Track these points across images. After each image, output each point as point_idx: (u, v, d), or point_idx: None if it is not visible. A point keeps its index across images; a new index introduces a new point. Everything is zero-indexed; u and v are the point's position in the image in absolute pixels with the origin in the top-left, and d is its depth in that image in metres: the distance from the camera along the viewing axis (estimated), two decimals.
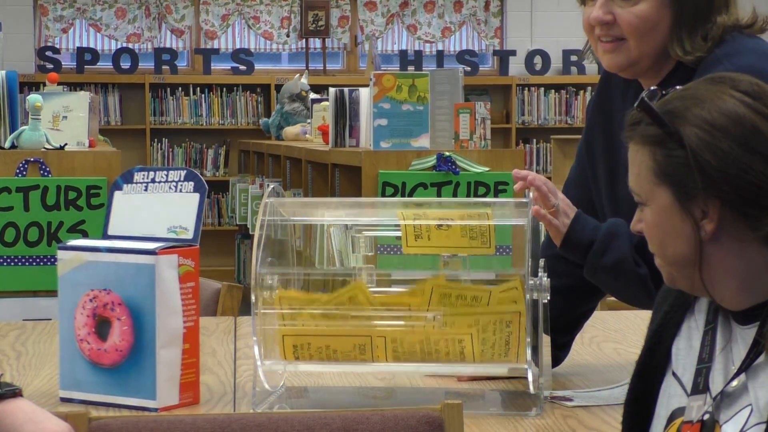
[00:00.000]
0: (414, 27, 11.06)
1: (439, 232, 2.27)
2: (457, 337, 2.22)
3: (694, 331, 1.80)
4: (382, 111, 5.32)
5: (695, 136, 1.68)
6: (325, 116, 7.03)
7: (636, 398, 1.85)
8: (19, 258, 4.43)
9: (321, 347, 2.24)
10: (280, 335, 2.25)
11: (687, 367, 1.78)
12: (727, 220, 1.69)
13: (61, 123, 4.93)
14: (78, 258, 2.29)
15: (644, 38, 2.35)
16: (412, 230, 2.27)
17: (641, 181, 1.76)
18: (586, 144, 2.57)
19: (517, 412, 2.22)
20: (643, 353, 1.85)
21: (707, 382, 1.73)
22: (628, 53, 2.37)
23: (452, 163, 5.23)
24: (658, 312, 1.86)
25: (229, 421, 1.89)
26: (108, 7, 10.73)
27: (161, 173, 2.35)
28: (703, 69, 2.29)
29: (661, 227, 1.74)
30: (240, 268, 9.29)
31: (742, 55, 2.30)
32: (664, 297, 1.86)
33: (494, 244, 2.26)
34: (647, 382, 1.83)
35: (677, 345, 1.81)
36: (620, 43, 2.37)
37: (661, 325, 1.83)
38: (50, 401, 2.31)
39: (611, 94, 2.53)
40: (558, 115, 11.04)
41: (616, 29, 2.36)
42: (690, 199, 1.70)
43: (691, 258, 1.72)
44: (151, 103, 10.63)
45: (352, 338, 2.23)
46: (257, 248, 2.23)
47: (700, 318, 1.80)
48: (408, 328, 2.23)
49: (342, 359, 2.25)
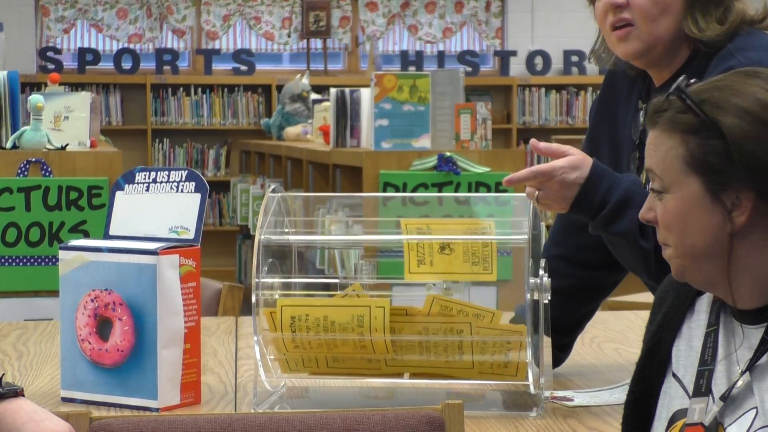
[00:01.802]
0: (415, 27, 11.06)
1: (442, 256, 2.27)
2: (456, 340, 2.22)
3: (694, 332, 1.79)
4: (383, 111, 5.32)
5: (736, 127, 1.65)
6: (326, 117, 7.03)
7: (636, 399, 1.84)
8: (21, 258, 4.42)
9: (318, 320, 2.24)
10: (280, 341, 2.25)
11: (688, 368, 1.77)
12: (759, 213, 1.67)
13: (62, 123, 4.92)
14: (79, 258, 2.29)
15: (656, 20, 2.35)
16: (415, 255, 2.27)
17: (666, 168, 1.72)
18: (589, 145, 2.57)
19: (517, 412, 2.22)
20: (643, 354, 1.84)
21: (710, 384, 1.72)
22: (642, 38, 2.35)
23: (453, 164, 5.24)
24: (657, 313, 1.85)
25: (230, 421, 1.89)
26: (109, 8, 10.73)
27: (162, 173, 2.35)
28: (716, 63, 2.29)
29: (684, 217, 1.71)
30: (241, 269, 9.29)
31: (755, 50, 2.31)
32: (662, 298, 1.85)
33: (496, 270, 2.26)
34: (647, 384, 1.83)
35: (677, 346, 1.80)
36: (633, 29, 2.36)
37: (661, 326, 1.83)
38: (51, 401, 2.31)
39: (615, 96, 2.52)
40: (559, 115, 11.04)
41: (628, 12, 2.36)
42: (722, 189, 1.67)
43: (711, 250, 1.69)
44: (153, 103, 10.63)
45: (350, 308, 2.22)
46: (258, 249, 2.24)
47: (701, 318, 1.79)
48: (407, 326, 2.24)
49: (339, 332, 2.24)
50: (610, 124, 2.52)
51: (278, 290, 2.30)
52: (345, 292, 2.25)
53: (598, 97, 2.59)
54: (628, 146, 2.45)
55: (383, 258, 2.49)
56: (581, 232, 2.59)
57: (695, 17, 2.35)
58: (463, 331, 2.21)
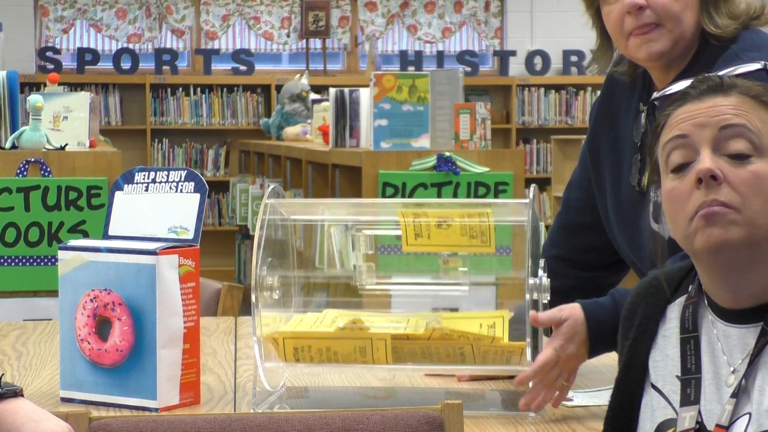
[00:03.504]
0: (414, 27, 11.06)
1: (439, 230, 2.27)
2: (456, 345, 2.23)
3: (669, 340, 1.78)
4: (382, 111, 5.32)
5: None
6: (325, 116, 7.03)
7: (615, 415, 1.83)
8: (20, 258, 4.43)
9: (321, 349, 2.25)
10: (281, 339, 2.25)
11: (667, 377, 1.76)
12: None
13: (61, 123, 4.93)
14: (79, 258, 2.29)
15: (679, 18, 2.33)
16: (413, 229, 2.27)
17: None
18: (590, 148, 2.56)
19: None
20: (621, 369, 1.83)
21: (698, 393, 1.71)
22: (668, 37, 2.33)
23: (452, 164, 5.24)
24: (629, 327, 1.83)
25: (230, 421, 1.89)
26: (108, 8, 10.72)
27: (162, 173, 2.35)
28: (722, 64, 2.27)
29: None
30: (240, 269, 9.29)
31: (759, 50, 2.30)
32: (632, 310, 1.84)
33: (494, 242, 2.26)
34: (626, 398, 1.82)
35: (653, 357, 1.80)
36: (657, 29, 2.33)
37: (635, 339, 1.82)
38: (51, 401, 2.31)
39: (616, 98, 2.51)
40: (558, 115, 11.04)
41: (650, 15, 2.33)
42: None
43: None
44: (152, 103, 10.63)
45: (352, 341, 2.24)
46: (257, 248, 2.24)
47: (673, 326, 1.78)
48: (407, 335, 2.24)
49: (342, 361, 2.26)
50: (610, 126, 2.51)
51: (278, 290, 2.31)
52: (345, 326, 2.25)
53: (598, 98, 2.58)
54: (629, 148, 2.45)
55: (383, 254, 2.49)
56: (580, 233, 2.59)
57: (710, 12, 2.33)
58: (465, 351, 2.22)
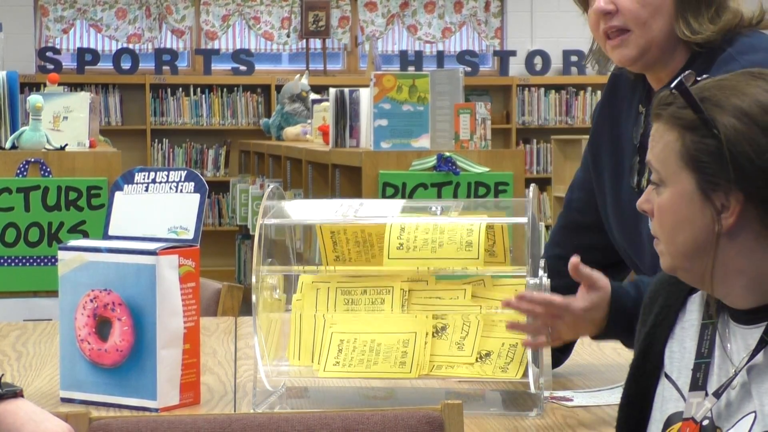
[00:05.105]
0: (414, 27, 11.06)
1: (425, 246, 2.28)
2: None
3: (687, 332, 1.78)
4: (382, 111, 5.32)
5: (732, 127, 1.64)
6: (325, 117, 7.03)
7: (630, 402, 1.83)
8: (20, 258, 4.43)
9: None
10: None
11: (682, 369, 1.76)
12: (748, 216, 1.66)
13: (61, 123, 4.93)
14: (78, 258, 2.29)
15: (648, 24, 2.33)
16: (396, 241, 2.28)
17: (664, 161, 1.71)
18: (591, 149, 2.56)
19: (517, 412, 2.22)
20: (636, 356, 1.83)
21: (706, 378, 1.71)
22: (636, 42, 2.34)
23: (452, 164, 5.24)
24: (649, 314, 1.83)
25: (230, 421, 1.89)
26: (108, 8, 10.72)
27: (162, 174, 2.35)
28: (718, 67, 2.27)
29: (676, 212, 1.70)
30: (240, 269, 9.29)
31: (756, 53, 2.30)
32: (653, 298, 1.84)
33: (483, 257, 2.27)
34: (641, 386, 1.81)
35: (670, 347, 1.79)
36: (626, 34, 2.35)
37: (653, 326, 1.81)
38: (51, 401, 2.31)
39: (618, 99, 2.51)
40: (558, 115, 11.04)
41: (619, 19, 2.35)
42: (713, 189, 1.66)
43: (701, 249, 1.68)
44: (152, 103, 10.63)
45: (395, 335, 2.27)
46: (258, 249, 2.23)
47: (693, 318, 1.78)
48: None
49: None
50: (612, 128, 2.51)
51: (277, 290, 2.31)
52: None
53: (601, 99, 2.58)
54: (629, 150, 2.45)
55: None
56: (581, 234, 2.59)
57: (686, 18, 2.33)
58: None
